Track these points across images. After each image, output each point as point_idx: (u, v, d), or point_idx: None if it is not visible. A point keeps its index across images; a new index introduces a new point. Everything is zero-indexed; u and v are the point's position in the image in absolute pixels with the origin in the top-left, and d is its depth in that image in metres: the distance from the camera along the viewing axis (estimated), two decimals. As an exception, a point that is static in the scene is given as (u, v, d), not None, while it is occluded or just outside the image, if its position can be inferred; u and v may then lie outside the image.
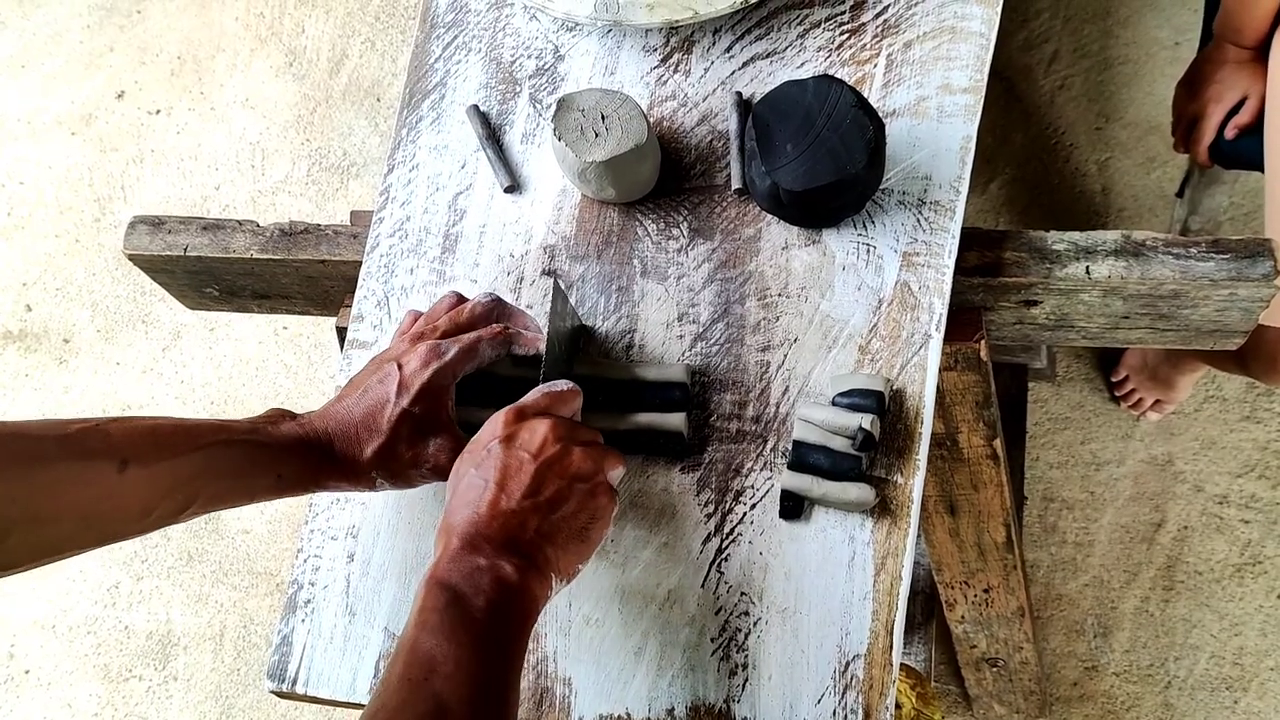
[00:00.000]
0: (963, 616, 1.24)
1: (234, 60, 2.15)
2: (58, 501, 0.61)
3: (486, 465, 0.66)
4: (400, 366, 0.73)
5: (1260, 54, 1.19)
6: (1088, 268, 0.82)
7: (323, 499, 0.82)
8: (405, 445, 0.72)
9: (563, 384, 0.73)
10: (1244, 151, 1.24)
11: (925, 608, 1.39)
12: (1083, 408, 1.66)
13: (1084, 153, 1.81)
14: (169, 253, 0.96)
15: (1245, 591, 1.53)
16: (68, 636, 1.79)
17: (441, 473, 0.73)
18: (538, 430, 0.68)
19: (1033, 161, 1.81)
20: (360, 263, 0.92)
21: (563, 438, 0.68)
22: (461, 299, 0.81)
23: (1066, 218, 1.76)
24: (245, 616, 1.75)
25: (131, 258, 0.97)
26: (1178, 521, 1.58)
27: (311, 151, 2.06)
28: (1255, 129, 1.21)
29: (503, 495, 0.65)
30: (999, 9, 0.89)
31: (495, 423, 0.69)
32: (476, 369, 0.76)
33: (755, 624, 0.74)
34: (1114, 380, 1.62)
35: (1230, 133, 1.23)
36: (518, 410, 0.69)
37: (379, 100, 2.08)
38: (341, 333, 0.95)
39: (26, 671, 1.78)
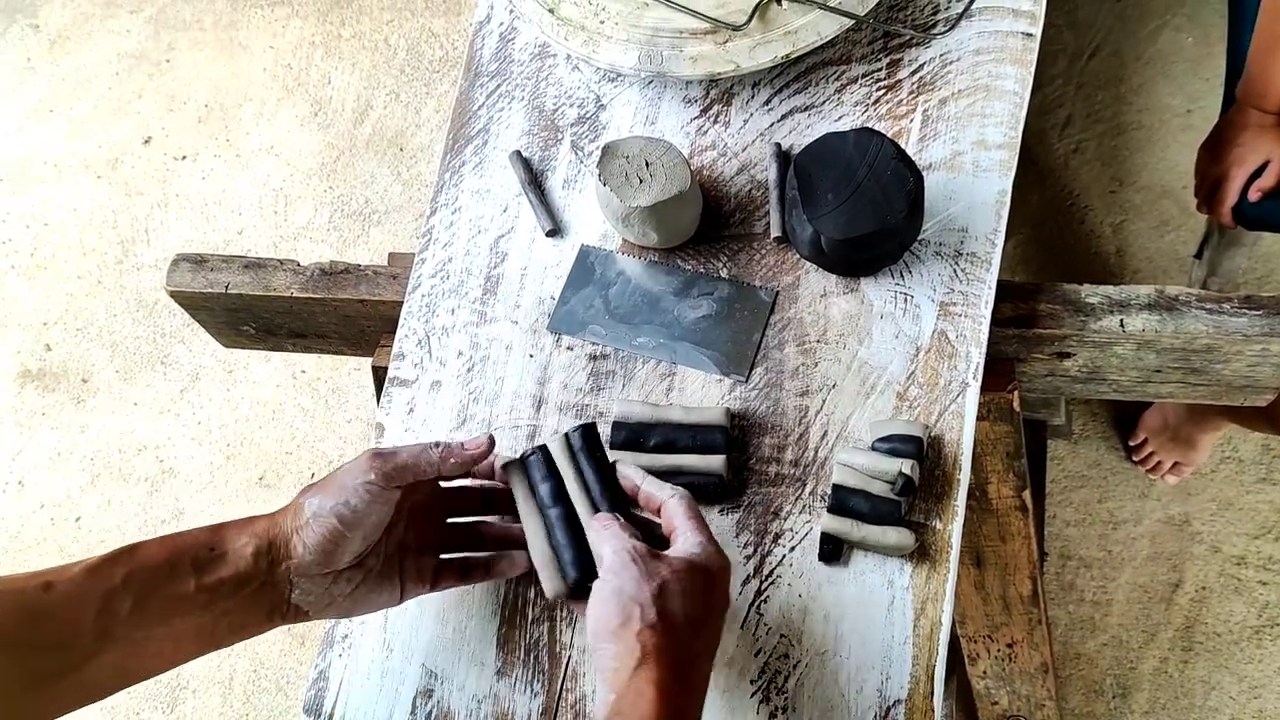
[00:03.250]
0: (985, 671, 1.24)
1: (260, 109, 2.19)
2: None
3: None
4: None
5: (1282, 119, 1.22)
6: (1122, 321, 0.83)
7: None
8: (333, 473, 0.69)
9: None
10: (1266, 214, 1.26)
11: (946, 662, 1.38)
12: (1099, 466, 1.66)
13: (1099, 215, 1.83)
14: (210, 290, 0.97)
15: (1264, 654, 1.52)
16: (75, 678, 1.77)
17: (355, 472, 0.68)
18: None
19: (1048, 222, 1.84)
20: (399, 303, 0.93)
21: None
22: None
23: (1083, 278, 1.76)
24: (255, 660, 1.74)
25: (173, 294, 0.98)
26: (1195, 582, 1.57)
27: (334, 199, 2.08)
28: (1278, 192, 1.24)
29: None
30: (1032, 69, 0.91)
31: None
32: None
33: (795, 666, 0.74)
34: (1132, 444, 1.63)
35: (1254, 195, 1.25)
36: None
37: (402, 150, 2.11)
38: (378, 372, 0.96)
39: (32, 713, 1.76)
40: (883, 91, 0.92)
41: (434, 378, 0.87)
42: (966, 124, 0.89)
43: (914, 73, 0.92)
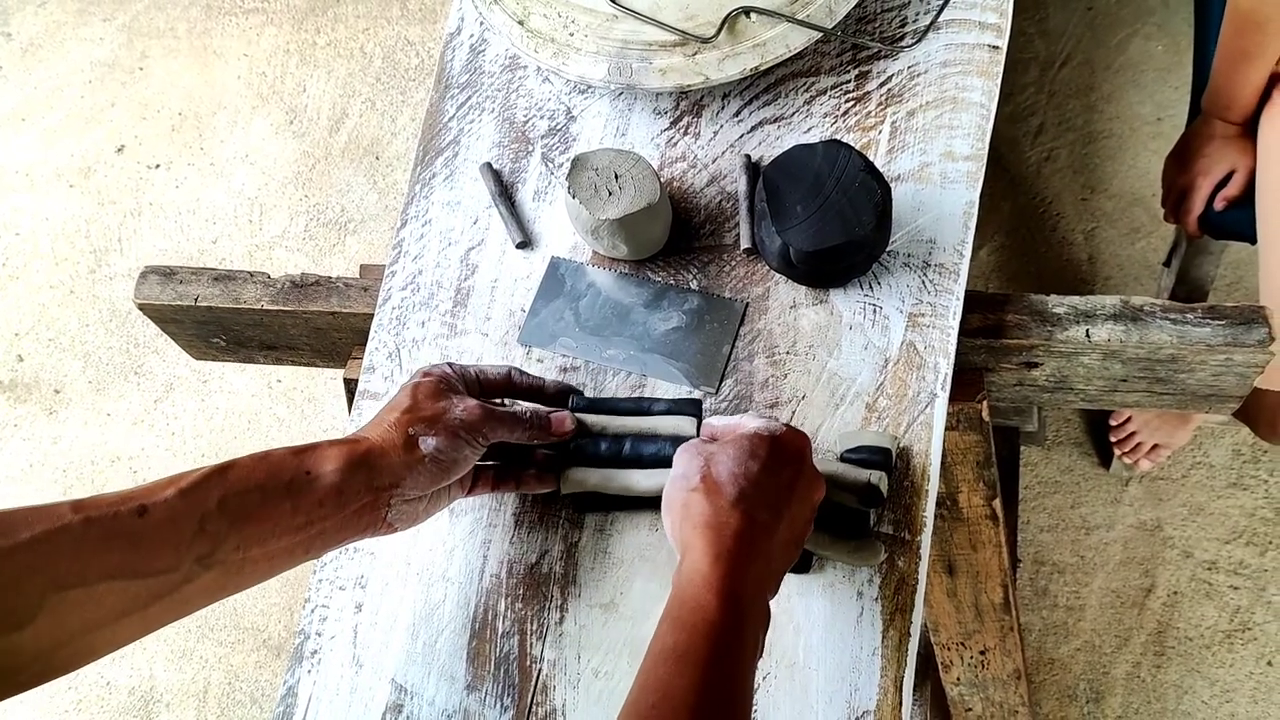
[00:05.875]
0: (958, 679, 1.24)
1: (235, 117, 2.18)
2: (82, 563, 0.57)
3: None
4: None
5: (1247, 130, 1.23)
6: (1087, 331, 0.84)
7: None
8: (429, 401, 0.72)
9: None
10: (1232, 223, 1.27)
11: (920, 669, 1.39)
12: (1072, 472, 1.67)
13: (1070, 222, 1.84)
14: (179, 303, 0.97)
15: (1235, 658, 1.54)
16: (48, 691, 1.76)
17: (470, 427, 0.72)
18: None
19: (1021, 230, 1.85)
20: (369, 315, 0.93)
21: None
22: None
23: (1055, 285, 1.79)
24: (230, 673, 1.73)
25: (142, 307, 0.98)
26: (1167, 587, 1.59)
27: (310, 207, 2.08)
28: (1243, 201, 1.25)
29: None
30: (998, 81, 0.92)
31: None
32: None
33: (765, 678, 0.74)
34: (1114, 424, 1.61)
35: (1219, 205, 1.26)
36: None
37: (378, 158, 2.11)
38: (349, 384, 0.95)
39: (3, 728, 1.75)
40: (851, 103, 0.92)
41: (404, 391, 0.87)
42: (934, 136, 0.90)
43: (882, 84, 0.92)
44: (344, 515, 0.68)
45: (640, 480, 0.76)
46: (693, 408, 0.79)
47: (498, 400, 0.79)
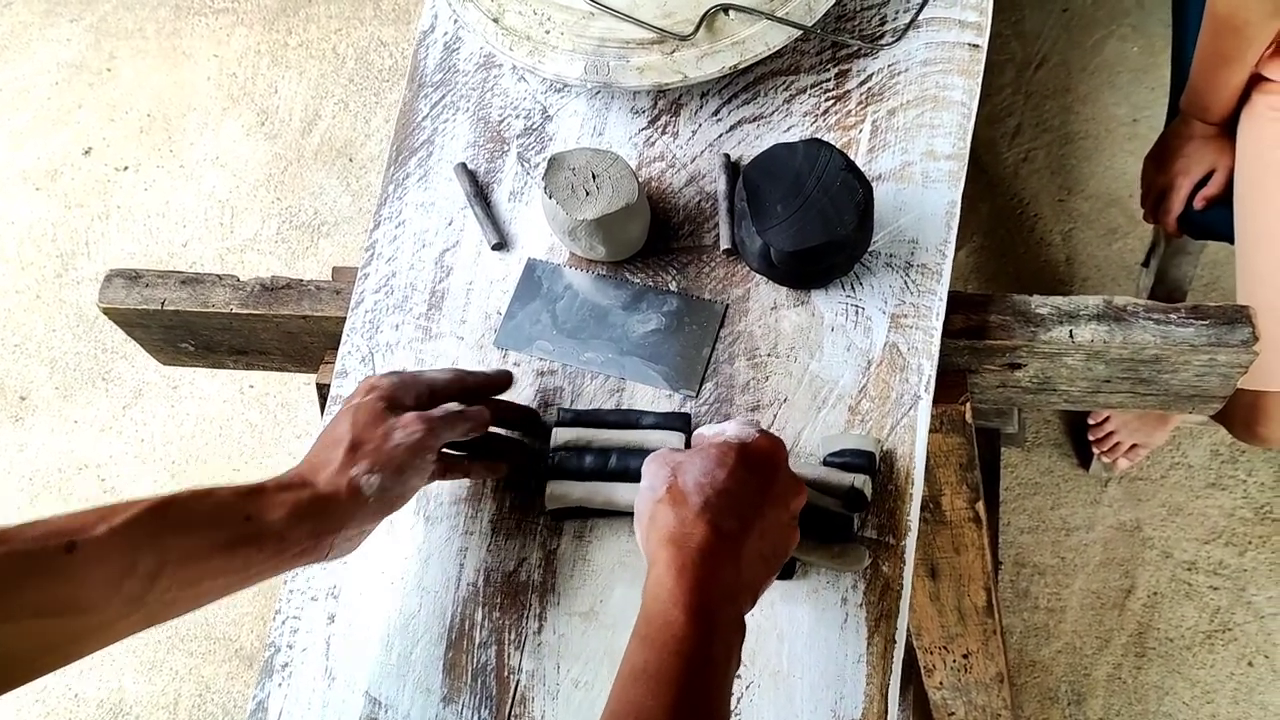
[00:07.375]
0: (941, 682, 1.23)
1: (205, 119, 2.15)
2: (4, 599, 0.54)
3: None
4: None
5: (1225, 130, 1.23)
6: (1071, 331, 0.83)
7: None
8: (370, 429, 0.71)
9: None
10: (1211, 222, 1.27)
11: (903, 673, 1.38)
12: (1052, 473, 1.67)
13: (1048, 223, 1.84)
14: (145, 307, 0.94)
15: (1216, 659, 1.53)
16: (14, 705, 1.72)
17: (415, 449, 0.70)
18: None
19: (999, 230, 1.85)
20: (342, 319, 0.91)
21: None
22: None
23: (1033, 286, 1.79)
24: (201, 684, 1.70)
25: (106, 311, 0.95)
26: (1147, 588, 1.59)
27: (282, 210, 2.05)
28: (1222, 201, 1.25)
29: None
30: (979, 80, 0.91)
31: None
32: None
33: (748, 687, 0.72)
34: (1092, 422, 1.61)
35: (1199, 204, 1.26)
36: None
37: (351, 160, 2.08)
38: (321, 389, 0.93)
39: (-32, 742, 1.71)
40: (831, 102, 0.91)
41: (377, 396, 0.85)
42: (915, 135, 0.89)
43: (862, 83, 0.91)
44: (284, 559, 0.66)
45: (625, 495, 0.74)
46: (681, 422, 0.77)
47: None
